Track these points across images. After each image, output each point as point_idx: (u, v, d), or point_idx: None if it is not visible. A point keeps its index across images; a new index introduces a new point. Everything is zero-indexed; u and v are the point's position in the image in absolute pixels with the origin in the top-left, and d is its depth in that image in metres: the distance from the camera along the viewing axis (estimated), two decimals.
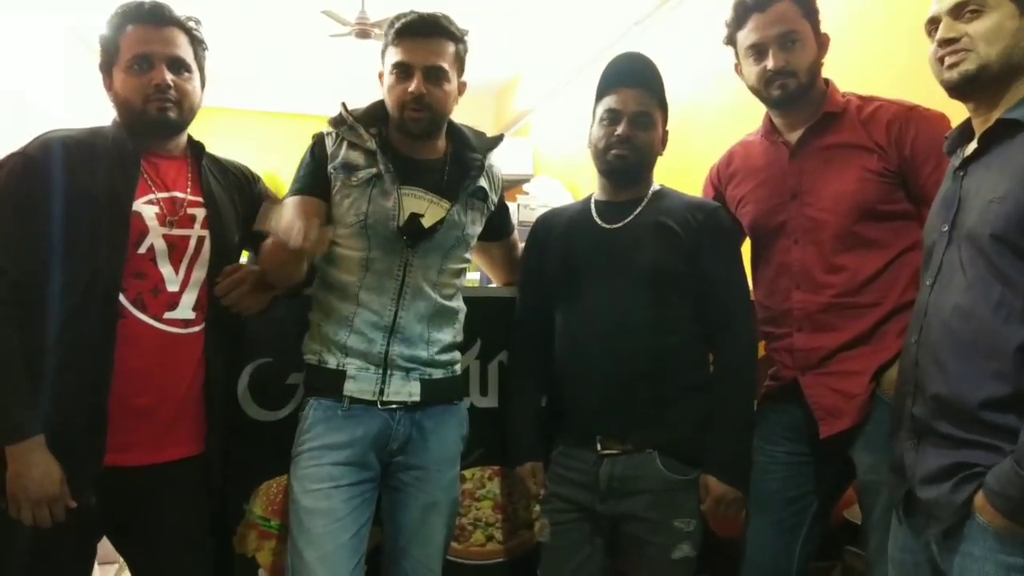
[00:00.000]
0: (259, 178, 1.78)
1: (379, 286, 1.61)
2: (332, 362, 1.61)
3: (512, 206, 4.00)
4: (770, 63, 1.62)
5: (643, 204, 1.70)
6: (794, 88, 1.63)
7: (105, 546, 1.60)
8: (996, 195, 1.16)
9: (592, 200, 1.78)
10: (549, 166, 5.81)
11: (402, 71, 1.60)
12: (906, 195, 1.60)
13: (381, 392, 1.60)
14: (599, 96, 1.72)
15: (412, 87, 1.58)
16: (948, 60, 1.25)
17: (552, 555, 1.71)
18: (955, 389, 1.17)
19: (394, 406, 1.61)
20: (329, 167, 1.63)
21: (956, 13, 1.25)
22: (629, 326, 1.63)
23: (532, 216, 3.98)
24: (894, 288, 1.57)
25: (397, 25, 1.61)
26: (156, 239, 1.50)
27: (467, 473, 1.88)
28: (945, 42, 1.26)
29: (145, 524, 1.52)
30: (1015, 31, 1.22)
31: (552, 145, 6.01)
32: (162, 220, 1.51)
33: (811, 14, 1.65)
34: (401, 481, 1.63)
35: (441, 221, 1.64)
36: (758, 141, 1.79)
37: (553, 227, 1.79)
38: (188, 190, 1.58)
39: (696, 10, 3.78)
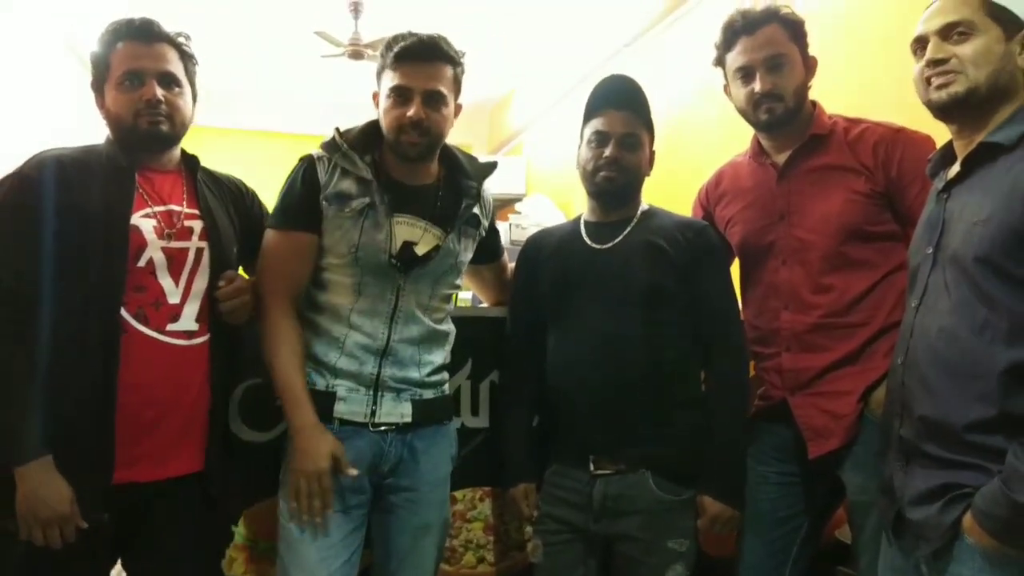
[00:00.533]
0: (253, 192, 1.78)
1: (372, 309, 1.60)
2: (320, 384, 1.57)
3: (504, 225, 4.04)
4: (757, 86, 1.64)
5: (632, 224, 1.71)
6: (781, 112, 1.65)
7: None
8: (979, 218, 1.17)
9: (582, 221, 1.79)
10: (542, 185, 5.83)
11: (401, 95, 1.58)
12: (893, 216, 1.61)
13: (373, 414, 1.58)
14: (586, 118, 1.74)
15: (411, 112, 1.56)
16: (936, 81, 1.27)
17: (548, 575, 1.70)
18: (942, 411, 1.18)
19: (384, 427, 1.59)
20: (321, 197, 1.58)
21: (945, 34, 1.26)
22: (621, 346, 1.63)
23: (524, 235, 3.99)
24: (881, 308, 1.58)
25: (396, 48, 1.58)
26: (155, 252, 1.50)
27: (458, 494, 1.87)
28: (934, 63, 1.27)
29: (147, 542, 1.52)
30: (1001, 55, 1.24)
31: (545, 164, 6.03)
32: (160, 233, 1.52)
33: (799, 37, 1.67)
34: (392, 503, 1.61)
35: (436, 249, 1.63)
36: (746, 162, 1.81)
37: (543, 248, 1.80)
38: (184, 203, 1.58)
39: (685, 31, 3.82)
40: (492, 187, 1.83)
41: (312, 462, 1.49)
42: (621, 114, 1.69)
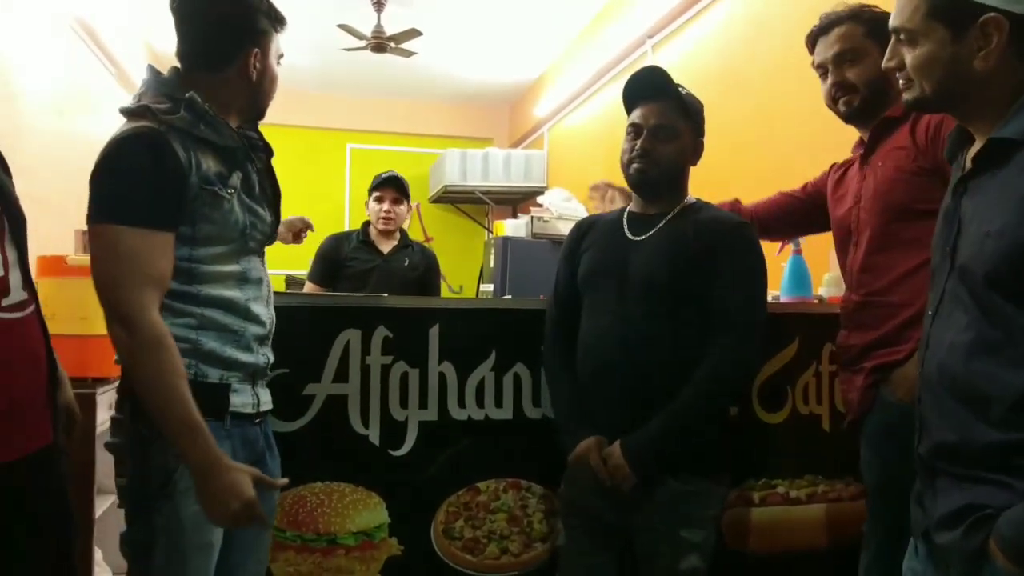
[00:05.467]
0: None
1: (258, 296, 1.46)
2: (214, 375, 1.37)
3: (525, 218, 4.03)
4: (829, 79, 1.71)
5: (667, 218, 1.70)
6: (858, 103, 1.68)
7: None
8: (991, 228, 1.06)
9: (626, 212, 1.79)
10: (563, 178, 5.83)
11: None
12: None
13: (257, 403, 1.45)
14: (628, 113, 1.76)
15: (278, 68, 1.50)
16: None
17: (567, 560, 1.72)
18: (955, 435, 1.11)
19: (259, 419, 1.47)
20: (192, 178, 1.32)
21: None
22: (637, 339, 1.62)
23: (545, 228, 3.99)
24: (925, 289, 1.54)
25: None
26: None
27: (481, 485, 1.88)
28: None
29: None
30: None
31: (566, 157, 6.02)
32: None
33: (877, 34, 1.64)
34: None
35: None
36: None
37: (590, 232, 1.81)
38: None
39: (710, 23, 3.79)
40: (514, 180, 1.83)
41: (237, 499, 1.26)
42: (654, 105, 1.69)
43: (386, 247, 3.28)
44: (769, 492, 2.01)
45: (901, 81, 1.22)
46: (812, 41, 1.76)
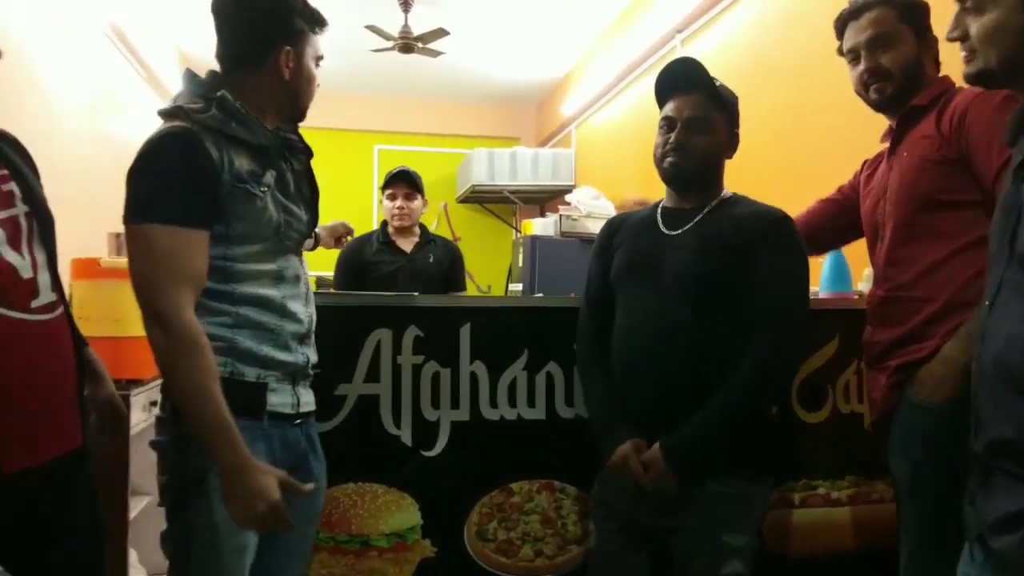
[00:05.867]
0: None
1: (295, 293, 1.45)
2: (251, 374, 1.36)
3: (554, 217, 4.00)
4: (862, 65, 1.65)
5: (705, 211, 1.67)
6: (891, 90, 1.63)
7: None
8: None
9: (660, 206, 1.76)
10: (591, 176, 5.79)
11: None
12: (976, 183, 1.51)
13: (297, 403, 1.44)
14: (660, 107, 1.72)
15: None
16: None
17: (600, 561, 1.69)
18: (1014, 427, 1.05)
19: (300, 420, 1.45)
20: (225, 176, 1.32)
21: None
22: (673, 334, 1.59)
23: (574, 226, 3.95)
24: (952, 283, 1.50)
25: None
26: None
27: (515, 487, 1.86)
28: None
29: (43, 534, 1.36)
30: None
31: (594, 155, 5.99)
32: None
33: (911, 17, 1.63)
34: (288, 501, 1.36)
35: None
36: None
37: (622, 228, 1.78)
38: None
39: (737, 19, 3.74)
40: (542, 180, 1.80)
41: (264, 501, 1.26)
42: (688, 97, 1.66)
43: (408, 246, 3.24)
44: (810, 494, 1.97)
45: (963, 53, 1.17)
46: (841, 26, 1.70)
